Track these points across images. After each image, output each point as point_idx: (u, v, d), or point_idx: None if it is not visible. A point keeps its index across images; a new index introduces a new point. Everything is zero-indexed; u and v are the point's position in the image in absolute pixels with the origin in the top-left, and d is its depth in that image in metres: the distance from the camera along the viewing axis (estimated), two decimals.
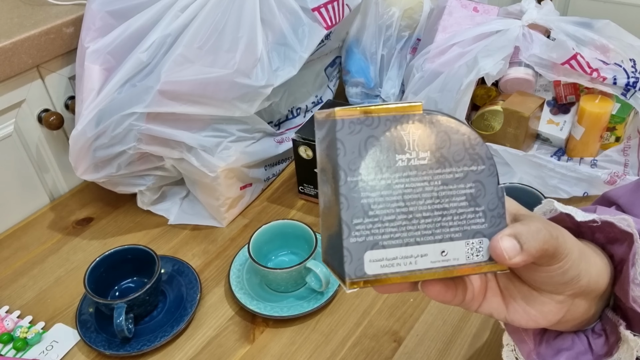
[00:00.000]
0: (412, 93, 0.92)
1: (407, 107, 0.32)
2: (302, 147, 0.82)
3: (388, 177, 0.32)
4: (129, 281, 0.73)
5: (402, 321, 0.68)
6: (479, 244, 0.34)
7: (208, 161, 0.77)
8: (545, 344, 0.43)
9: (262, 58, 0.76)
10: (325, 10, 0.82)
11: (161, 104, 0.71)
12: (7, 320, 0.70)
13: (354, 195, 0.32)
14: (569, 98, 0.94)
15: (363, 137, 0.32)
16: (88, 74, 0.73)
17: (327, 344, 0.66)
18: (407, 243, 0.33)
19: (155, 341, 0.66)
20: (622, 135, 0.91)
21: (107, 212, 0.89)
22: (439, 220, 0.33)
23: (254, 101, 0.77)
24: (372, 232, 0.32)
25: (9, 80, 0.79)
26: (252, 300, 0.70)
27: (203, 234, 0.83)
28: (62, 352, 0.67)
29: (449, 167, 0.33)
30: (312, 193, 0.86)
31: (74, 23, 0.82)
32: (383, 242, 0.32)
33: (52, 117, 0.83)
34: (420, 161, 0.33)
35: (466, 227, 0.34)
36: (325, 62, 1.00)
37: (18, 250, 0.82)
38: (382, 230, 0.32)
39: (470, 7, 0.97)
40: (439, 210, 0.33)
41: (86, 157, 0.75)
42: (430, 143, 0.33)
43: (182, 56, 0.71)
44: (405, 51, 1.04)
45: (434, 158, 0.33)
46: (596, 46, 0.84)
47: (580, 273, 0.36)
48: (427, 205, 0.33)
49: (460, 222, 0.33)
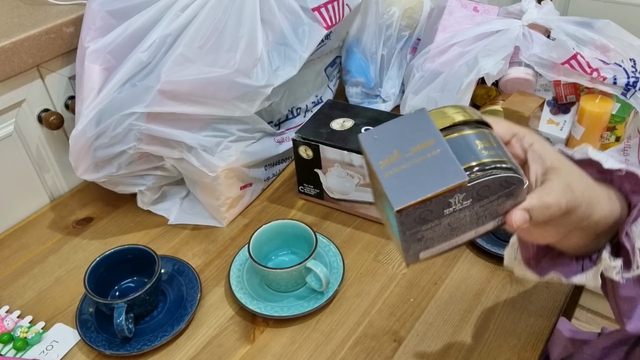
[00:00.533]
0: (412, 93, 0.92)
1: (454, 186, 0.38)
2: (302, 147, 0.82)
3: (437, 222, 0.40)
4: (129, 281, 0.73)
5: (402, 321, 0.68)
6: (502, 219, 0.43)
7: (208, 161, 0.77)
8: (548, 257, 0.51)
9: (262, 58, 0.76)
10: (325, 10, 0.82)
11: (161, 103, 0.71)
12: (7, 320, 0.70)
13: (411, 239, 0.41)
14: (569, 98, 0.94)
15: (419, 213, 0.39)
16: (88, 73, 0.73)
17: (327, 343, 0.66)
18: (450, 241, 0.43)
19: (156, 341, 0.66)
20: (622, 135, 0.91)
21: (107, 212, 0.89)
22: (475, 223, 0.42)
23: (254, 101, 0.77)
24: (425, 247, 0.42)
25: (9, 79, 0.79)
26: (252, 300, 0.70)
27: (203, 234, 0.83)
28: (63, 352, 0.67)
29: (486, 199, 0.41)
30: (312, 193, 0.86)
31: (74, 23, 0.82)
32: (432, 247, 0.43)
33: (52, 116, 0.83)
34: (464, 205, 0.40)
35: (496, 215, 0.42)
36: (325, 62, 1.00)
37: (18, 250, 0.82)
38: (430, 243, 0.42)
39: (470, 7, 0.97)
40: (476, 219, 0.42)
41: (86, 156, 0.75)
42: (473, 194, 0.40)
43: (182, 56, 0.71)
44: (405, 51, 1.04)
45: (475, 199, 0.40)
46: (596, 46, 0.84)
47: (592, 213, 0.44)
48: (467, 222, 0.42)
49: (492, 215, 0.42)
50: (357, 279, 0.74)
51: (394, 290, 0.72)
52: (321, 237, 0.78)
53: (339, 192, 0.83)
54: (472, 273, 0.74)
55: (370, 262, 0.77)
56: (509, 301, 0.70)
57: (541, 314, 0.68)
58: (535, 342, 0.65)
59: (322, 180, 0.84)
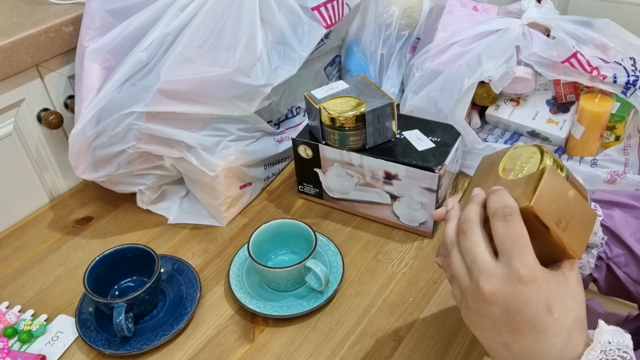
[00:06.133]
0: (412, 92, 0.91)
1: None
2: (301, 147, 0.82)
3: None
4: (129, 280, 0.73)
5: (402, 320, 0.68)
6: None
7: (208, 160, 0.77)
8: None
9: (262, 57, 0.76)
10: (325, 9, 0.82)
11: (161, 103, 0.71)
12: (8, 315, 0.70)
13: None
14: (568, 97, 0.94)
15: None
16: (87, 73, 0.73)
17: (327, 342, 0.66)
18: None
19: (155, 340, 0.66)
20: (622, 134, 0.91)
21: (106, 212, 0.89)
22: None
23: (253, 100, 0.77)
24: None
25: (9, 79, 0.79)
26: (251, 299, 0.70)
27: (203, 233, 0.83)
28: (69, 342, 0.67)
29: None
30: (312, 192, 0.86)
31: (74, 22, 0.82)
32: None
33: (51, 116, 0.83)
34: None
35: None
36: (324, 61, 1.00)
37: (18, 250, 0.82)
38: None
39: (470, 6, 0.97)
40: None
41: (86, 156, 0.75)
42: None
43: (182, 55, 0.71)
44: (405, 50, 1.04)
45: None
46: (596, 45, 0.84)
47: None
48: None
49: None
50: (356, 278, 0.74)
51: (393, 290, 0.72)
52: (321, 236, 0.78)
53: (339, 192, 0.83)
54: None
55: (369, 262, 0.77)
56: None
57: None
58: None
59: (322, 180, 0.84)
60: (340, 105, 0.76)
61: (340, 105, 0.75)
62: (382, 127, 0.76)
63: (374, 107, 0.74)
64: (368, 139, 0.76)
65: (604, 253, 0.56)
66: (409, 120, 0.83)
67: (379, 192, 0.79)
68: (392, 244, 0.79)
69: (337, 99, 0.77)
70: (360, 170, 0.78)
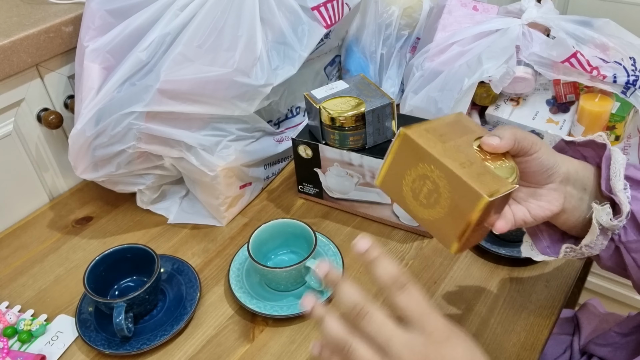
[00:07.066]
0: (412, 92, 0.92)
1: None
2: (301, 147, 0.82)
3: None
4: (129, 280, 0.73)
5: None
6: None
7: (207, 160, 0.77)
8: (557, 238, 0.58)
9: (262, 57, 0.76)
10: (325, 9, 0.82)
11: (160, 102, 0.71)
12: (8, 315, 0.70)
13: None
14: (568, 97, 0.94)
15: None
16: (87, 72, 0.73)
17: None
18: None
19: (155, 340, 0.66)
20: (622, 134, 0.91)
21: (106, 211, 0.88)
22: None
23: (253, 100, 0.77)
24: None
25: (8, 79, 0.79)
26: (251, 299, 0.70)
27: (203, 233, 0.83)
28: (69, 342, 0.67)
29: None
30: (312, 192, 0.86)
31: (73, 22, 0.82)
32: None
33: (51, 116, 0.83)
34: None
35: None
36: (324, 61, 1.00)
37: (18, 249, 0.82)
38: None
39: (470, 6, 0.97)
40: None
41: (85, 156, 0.75)
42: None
43: (182, 55, 0.71)
44: (404, 50, 1.04)
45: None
46: (596, 44, 0.84)
47: (556, 162, 0.52)
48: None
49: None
50: (356, 278, 0.74)
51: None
52: (320, 236, 0.78)
53: (339, 192, 0.83)
54: (472, 272, 0.74)
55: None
56: (509, 300, 0.70)
57: (541, 313, 0.68)
58: (535, 341, 0.65)
59: (322, 180, 0.84)
60: (340, 105, 0.76)
61: (340, 105, 0.76)
62: (382, 127, 0.76)
63: (373, 107, 0.74)
64: (368, 138, 0.76)
65: (617, 235, 0.55)
66: (409, 120, 0.83)
67: (379, 192, 0.79)
68: (392, 244, 0.79)
69: (337, 98, 0.77)
70: (360, 170, 0.78)
